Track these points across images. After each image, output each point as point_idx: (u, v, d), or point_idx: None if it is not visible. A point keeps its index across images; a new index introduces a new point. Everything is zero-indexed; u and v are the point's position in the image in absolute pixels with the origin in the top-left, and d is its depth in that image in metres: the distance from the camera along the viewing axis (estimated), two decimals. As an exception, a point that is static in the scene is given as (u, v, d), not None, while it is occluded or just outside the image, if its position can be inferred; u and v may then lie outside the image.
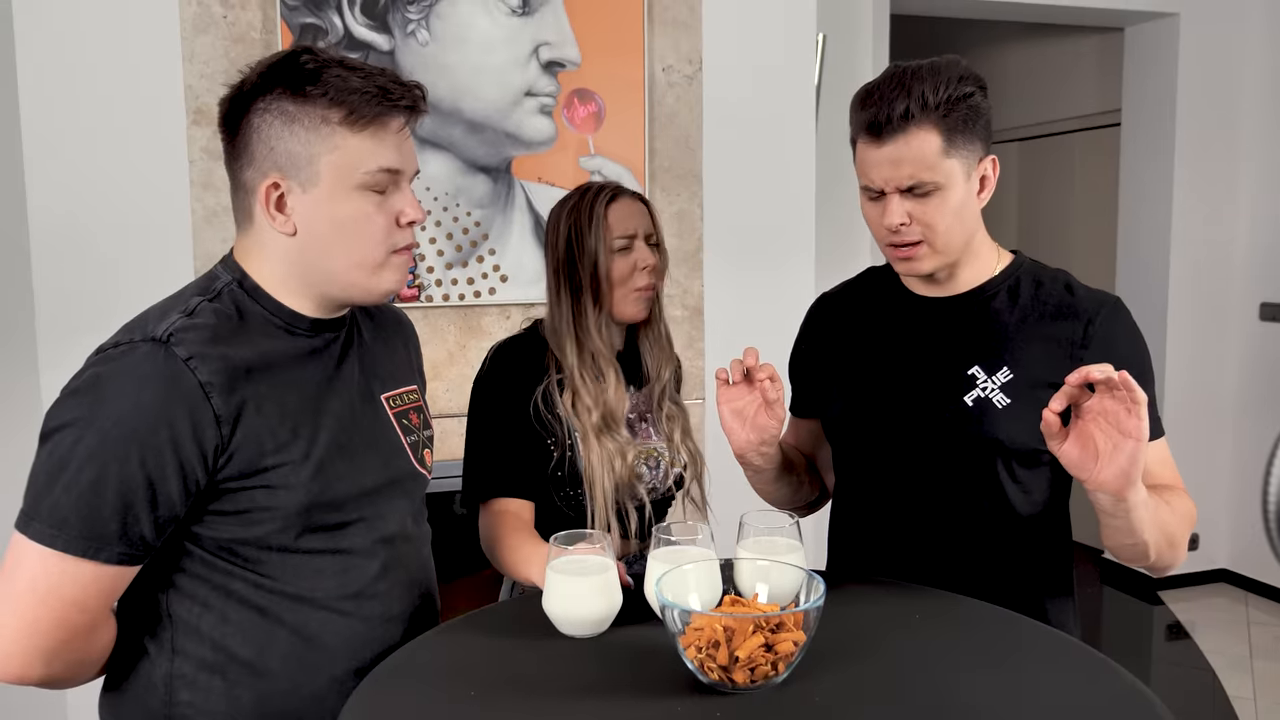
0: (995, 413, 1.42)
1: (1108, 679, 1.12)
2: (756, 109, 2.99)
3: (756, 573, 1.23)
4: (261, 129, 1.17)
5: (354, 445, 1.25)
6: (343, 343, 1.30)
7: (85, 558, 1.08)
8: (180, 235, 2.52)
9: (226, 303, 1.20)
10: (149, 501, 1.09)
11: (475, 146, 2.72)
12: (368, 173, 1.17)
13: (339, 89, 1.15)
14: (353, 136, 1.16)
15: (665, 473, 1.75)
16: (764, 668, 1.06)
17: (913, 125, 1.35)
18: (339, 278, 1.22)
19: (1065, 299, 1.45)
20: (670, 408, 1.79)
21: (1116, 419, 1.18)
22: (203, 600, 1.19)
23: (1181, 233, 4.40)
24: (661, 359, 1.78)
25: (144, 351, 1.11)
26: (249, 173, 1.19)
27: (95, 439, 1.07)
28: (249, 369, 1.15)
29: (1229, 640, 4.06)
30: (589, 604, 1.25)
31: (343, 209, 1.18)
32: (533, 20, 2.72)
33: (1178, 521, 1.36)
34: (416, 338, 1.52)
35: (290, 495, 1.17)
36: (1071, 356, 1.41)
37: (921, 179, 1.36)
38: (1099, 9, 4.16)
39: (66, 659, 1.12)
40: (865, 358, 1.55)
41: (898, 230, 1.39)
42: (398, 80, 1.19)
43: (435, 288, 2.72)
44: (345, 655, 1.24)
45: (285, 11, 2.52)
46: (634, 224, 1.71)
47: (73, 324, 2.45)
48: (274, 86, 1.16)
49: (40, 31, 2.41)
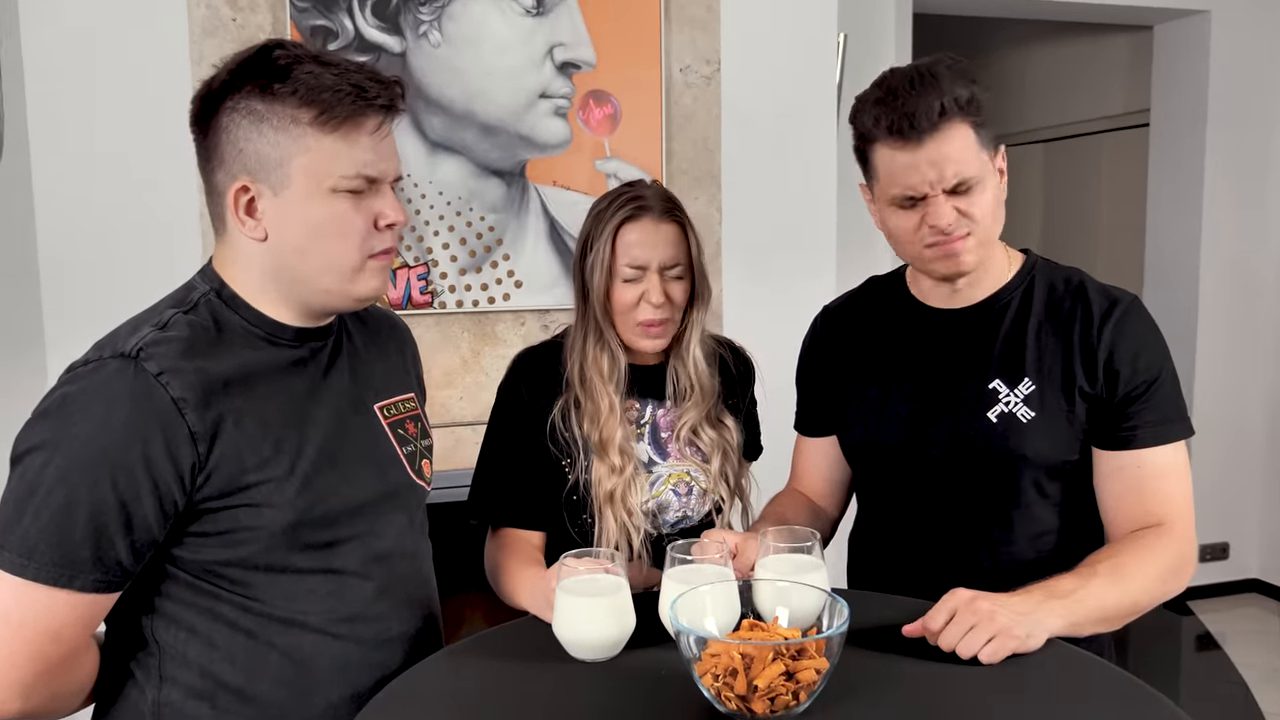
0: (1021, 427, 1.38)
1: (1144, 706, 1.08)
2: (776, 110, 2.94)
3: (776, 594, 1.17)
4: (230, 129, 1.11)
5: (344, 458, 1.20)
6: (330, 351, 1.25)
7: (58, 586, 1.03)
8: (188, 238, 2.49)
9: (203, 314, 1.15)
10: (123, 525, 1.05)
11: (489, 150, 2.67)
12: (343, 177, 1.12)
13: (310, 87, 1.09)
14: (325, 137, 1.11)
15: (700, 499, 1.64)
16: (784, 697, 1.01)
17: (945, 122, 1.30)
18: (314, 284, 1.16)
19: (1078, 300, 1.41)
20: (711, 434, 1.64)
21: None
22: (189, 625, 1.14)
23: (1212, 236, 4.31)
24: (696, 380, 1.63)
25: (113, 369, 1.06)
26: (219, 175, 1.14)
27: (64, 461, 1.03)
28: (227, 382, 1.10)
29: (1261, 652, 3.96)
30: (601, 626, 1.20)
31: (316, 212, 1.12)
32: (547, 21, 2.68)
33: (1139, 589, 1.30)
34: (414, 343, 1.46)
35: (275, 514, 1.12)
36: (1085, 360, 1.37)
37: (965, 175, 1.32)
38: (1128, 6, 4.09)
39: (45, 692, 1.08)
40: (880, 375, 1.50)
41: (947, 230, 1.34)
42: (374, 77, 1.13)
43: (449, 294, 2.68)
44: (340, 680, 1.19)
45: (295, 14, 2.49)
46: (648, 253, 1.55)
47: (80, 327, 2.39)
48: (243, 84, 1.10)
49: (48, 34, 2.39)
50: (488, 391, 2.72)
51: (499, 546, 1.58)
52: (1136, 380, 1.36)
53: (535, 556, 1.56)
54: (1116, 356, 1.36)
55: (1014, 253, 1.48)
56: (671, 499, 1.62)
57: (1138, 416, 1.36)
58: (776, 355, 1.80)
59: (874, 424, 1.49)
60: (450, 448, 2.67)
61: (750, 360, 1.77)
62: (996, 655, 1.14)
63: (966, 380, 1.42)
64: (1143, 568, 1.30)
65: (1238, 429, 4.42)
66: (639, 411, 1.64)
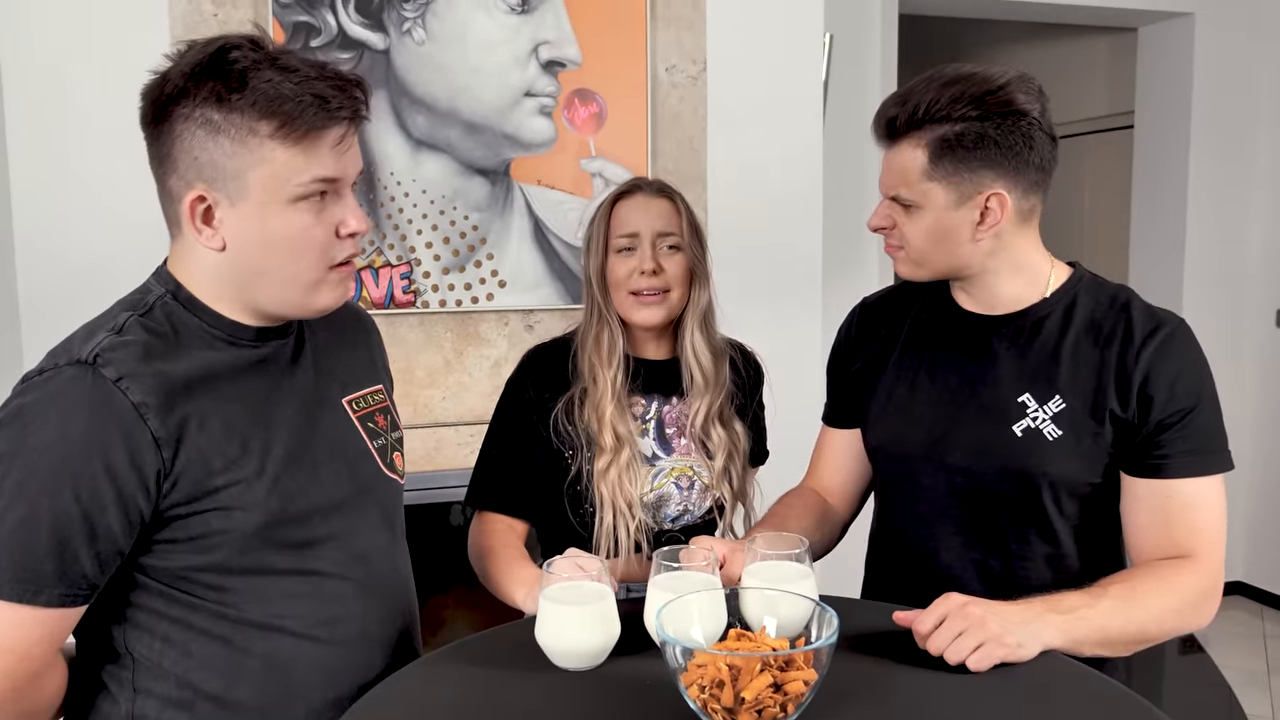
0: (1045, 445, 1.35)
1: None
2: (762, 110, 2.92)
3: (764, 603, 1.15)
4: (184, 136, 1.07)
5: (313, 455, 1.17)
6: (293, 348, 1.22)
7: (21, 603, 1.00)
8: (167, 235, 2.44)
9: (159, 317, 1.12)
10: (87, 537, 1.02)
11: (473, 148, 2.64)
12: (300, 184, 1.08)
13: (269, 97, 1.05)
14: (283, 149, 1.07)
15: (701, 494, 1.65)
16: (772, 709, 0.99)
17: (902, 138, 1.34)
18: (273, 294, 1.13)
19: (1121, 319, 1.36)
20: (719, 432, 1.65)
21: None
22: (163, 635, 1.11)
23: (1196, 237, 4.31)
24: (699, 369, 1.65)
25: (69, 376, 1.03)
26: (172, 180, 1.10)
27: (22, 474, 1.00)
28: (188, 384, 1.07)
29: (1245, 655, 3.97)
30: (585, 635, 1.18)
31: (274, 224, 1.09)
32: (532, 18, 2.65)
33: (1150, 617, 1.26)
34: (379, 334, 1.43)
35: (246, 516, 1.09)
36: (1119, 382, 1.33)
37: (900, 193, 1.35)
38: (1112, 8, 4.08)
39: (13, 710, 1.05)
40: (911, 375, 1.48)
41: (878, 231, 1.42)
42: (337, 84, 1.08)
43: (432, 293, 2.65)
44: (320, 685, 1.17)
45: (277, 9, 2.45)
46: (640, 223, 1.60)
47: (59, 330, 2.37)
48: (198, 89, 1.05)
49: (26, 29, 2.34)
50: (471, 392, 2.71)
51: (482, 530, 1.61)
52: (1172, 408, 1.31)
53: (516, 544, 1.58)
54: (1152, 382, 1.31)
55: (1060, 265, 1.44)
56: (673, 491, 1.63)
57: (1170, 445, 1.32)
58: (761, 357, 1.79)
59: (899, 424, 1.47)
60: (432, 449, 2.65)
61: (759, 364, 1.78)
62: (984, 662, 1.12)
63: (996, 390, 1.39)
64: (1158, 597, 1.26)
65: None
66: (644, 407, 1.66)
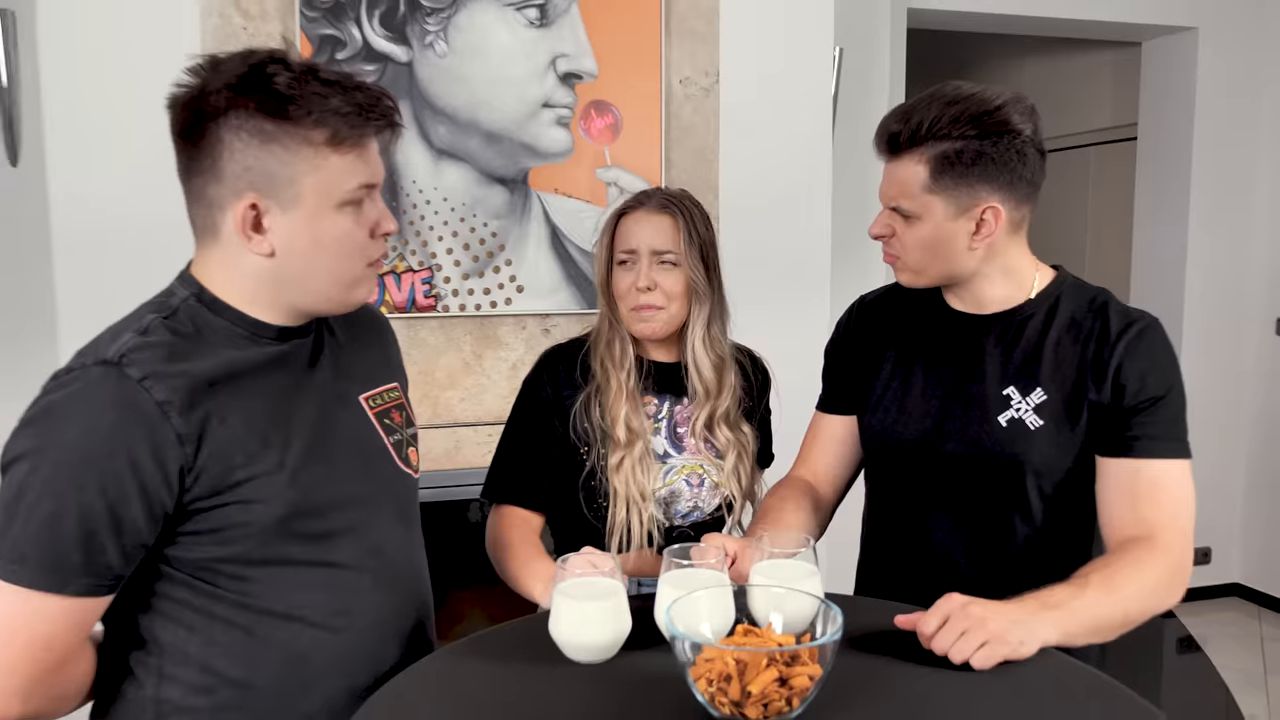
0: (1028, 434, 1.44)
1: (1132, 714, 1.10)
2: (773, 121, 2.99)
3: (770, 600, 1.19)
4: (235, 147, 1.11)
5: (331, 450, 1.22)
6: (312, 346, 1.27)
7: (50, 592, 1.04)
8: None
9: (183, 319, 1.16)
10: (113, 530, 1.06)
11: (492, 157, 2.72)
12: (349, 190, 1.15)
13: (321, 110, 1.11)
14: (335, 156, 1.14)
15: (711, 492, 1.71)
16: (778, 703, 1.03)
17: (904, 153, 1.42)
18: (316, 293, 1.20)
19: (1098, 318, 1.46)
20: (727, 434, 1.71)
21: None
22: (187, 624, 1.16)
23: (1197, 248, 4.36)
24: (698, 377, 1.70)
25: (95, 375, 1.07)
26: (216, 189, 1.14)
27: (50, 469, 1.04)
28: (212, 381, 1.12)
29: (1242, 656, 4.03)
30: (597, 629, 1.21)
31: (325, 229, 1.16)
32: (550, 32, 2.72)
33: (1130, 600, 1.31)
34: (393, 333, 1.49)
35: (266, 509, 1.13)
36: (1096, 373, 1.43)
37: (901, 204, 1.44)
38: (1116, 23, 4.13)
39: (44, 695, 1.09)
40: (905, 368, 1.57)
41: (878, 239, 1.50)
42: (373, 97, 1.15)
43: (452, 298, 2.72)
44: (338, 674, 1.21)
45: (305, 23, 2.53)
46: (639, 239, 1.66)
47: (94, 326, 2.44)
48: (245, 102, 1.10)
49: (63, 41, 2.41)
50: (489, 393, 2.79)
51: (500, 523, 1.67)
52: (1143, 395, 1.41)
53: (534, 539, 1.64)
54: (1125, 371, 1.41)
55: (1045, 268, 1.53)
56: (684, 488, 1.69)
57: (1139, 428, 1.41)
58: (771, 362, 1.86)
59: (894, 414, 1.56)
60: (452, 448, 2.73)
61: (767, 370, 1.84)
62: (988, 661, 1.16)
63: (984, 384, 1.48)
64: (1134, 580, 1.32)
65: (1221, 437, 4.48)
66: (656, 406, 1.72)
